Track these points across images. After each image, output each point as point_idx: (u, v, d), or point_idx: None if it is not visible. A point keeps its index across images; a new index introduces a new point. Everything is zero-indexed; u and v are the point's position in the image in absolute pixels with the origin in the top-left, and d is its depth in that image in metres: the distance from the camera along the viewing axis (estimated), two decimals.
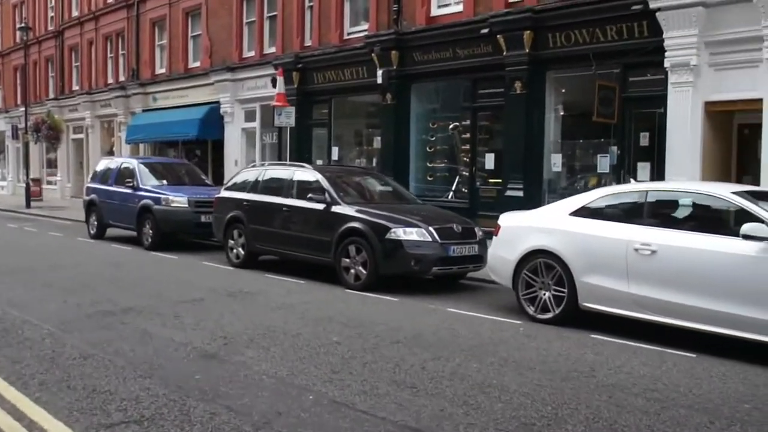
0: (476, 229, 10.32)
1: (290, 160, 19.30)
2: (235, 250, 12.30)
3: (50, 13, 32.85)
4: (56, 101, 31.63)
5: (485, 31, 14.60)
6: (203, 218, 14.13)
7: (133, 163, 16.02)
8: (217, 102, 21.90)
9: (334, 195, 10.68)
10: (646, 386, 5.50)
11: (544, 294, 7.74)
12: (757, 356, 6.35)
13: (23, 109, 29.38)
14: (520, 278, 7.97)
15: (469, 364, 5.98)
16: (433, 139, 16.84)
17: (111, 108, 27.39)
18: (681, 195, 7.43)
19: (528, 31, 13.92)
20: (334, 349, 6.41)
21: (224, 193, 13.03)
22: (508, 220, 8.59)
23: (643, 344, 6.81)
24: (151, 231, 14.45)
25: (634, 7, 12.27)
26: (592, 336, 7.14)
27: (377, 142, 18.05)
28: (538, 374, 5.74)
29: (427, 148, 16.90)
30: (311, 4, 19.30)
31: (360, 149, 18.76)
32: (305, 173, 11.52)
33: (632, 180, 8.89)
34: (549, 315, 7.66)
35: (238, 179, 13.09)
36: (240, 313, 7.97)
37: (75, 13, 30.60)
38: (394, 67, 16.59)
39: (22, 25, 28.33)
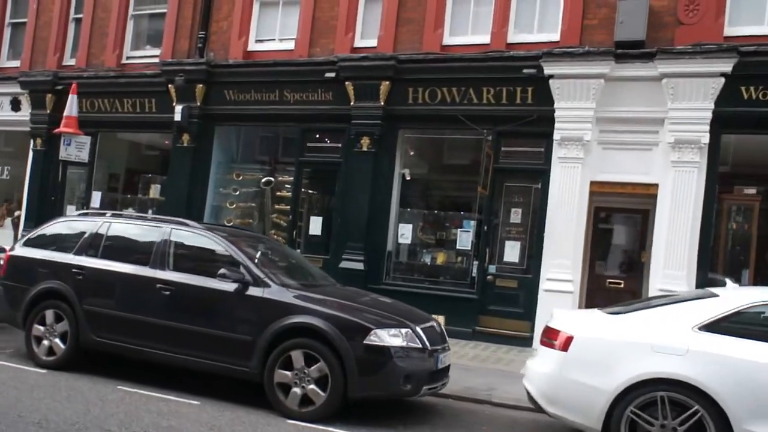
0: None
1: (31, 203, 12.70)
2: (46, 342, 6.66)
3: None
4: None
5: (331, 75, 10.37)
6: None
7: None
8: None
9: (256, 272, 5.84)
10: None
11: None
12: None
13: None
14: (624, 418, 4.37)
15: None
16: (237, 194, 11.71)
17: None
18: None
19: (386, 82, 10.08)
20: None
21: (24, 252, 7.15)
22: (581, 327, 4.74)
23: None
24: None
25: (526, 71, 9.20)
26: None
27: (156, 190, 12.31)
28: None
29: (228, 204, 11.73)
30: (79, 15, 13.07)
31: (132, 198, 12.63)
32: (193, 234, 6.49)
33: (728, 281, 5.65)
34: None
35: (51, 231, 7.28)
36: None
37: None
38: (198, 104, 11.37)
39: None
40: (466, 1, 10.19)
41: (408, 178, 10.48)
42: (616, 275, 9.65)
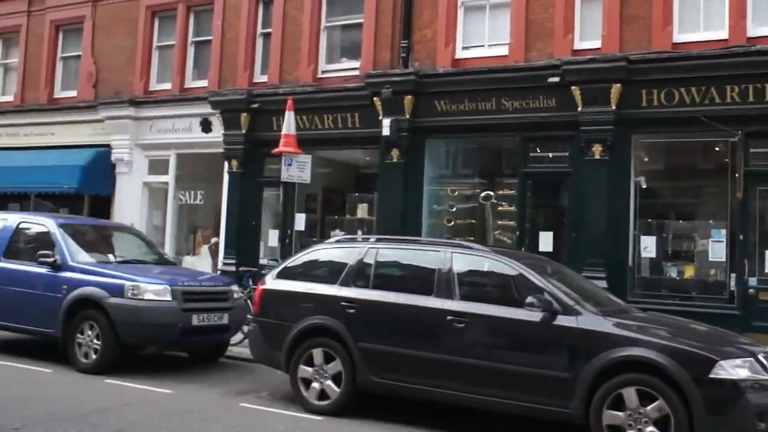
0: None
1: (230, 228, 15.04)
2: (317, 385, 7.49)
3: None
4: None
5: (555, 79, 11.93)
6: (196, 320, 9.32)
7: (47, 224, 10.52)
8: (107, 146, 16.72)
9: (565, 299, 6.65)
10: None
11: None
12: None
13: None
14: None
15: None
16: (453, 210, 13.60)
17: None
18: None
19: (617, 85, 11.49)
20: None
21: (279, 284, 8.09)
22: None
23: None
24: (95, 341, 9.00)
25: None
26: None
27: (363, 209, 14.39)
28: None
29: (445, 221, 13.61)
30: (267, 30, 15.39)
31: (339, 218, 14.86)
32: (479, 258, 7.34)
33: None
34: None
35: (305, 261, 8.32)
36: None
37: None
38: (406, 117, 13.26)
39: None
40: None
41: (644, 186, 11.86)
42: None
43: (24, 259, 10.22)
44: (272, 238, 14.85)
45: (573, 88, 11.77)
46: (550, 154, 12.40)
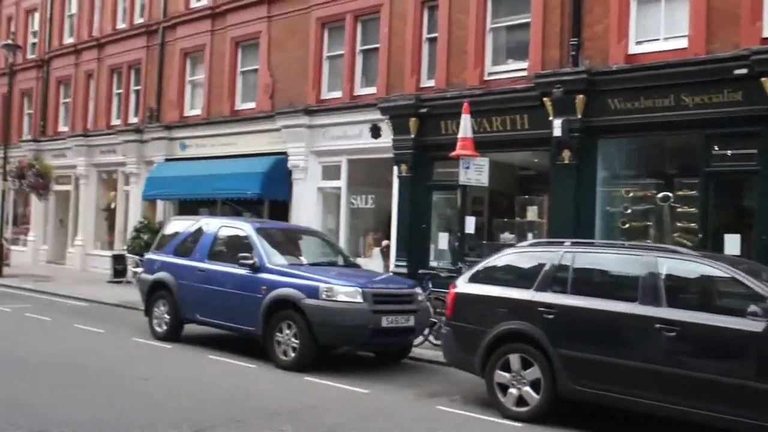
0: None
1: (402, 232, 15.47)
2: (514, 391, 7.45)
3: (30, 39, 27.66)
4: (35, 143, 26.42)
5: (742, 71, 11.31)
6: (385, 322, 9.63)
7: (245, 228, 11.35)
8: (284, 153, 17.73)
9: None
10: None
11: None
12: None
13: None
14: None
15: None
16: (629, 212, 13.21)
17: (116, 155, 22.66)
18: None
19: None
20: None
21: (472, 289, 8.12)
22: None
23: None
24: (293, 339, 9.55)
25: None
26: None
27: (533, 212, 14.35)
28: None
29: (620, 224, 13.27)
30: (433, 35, 15.69)
31: (506, 221, 14.92)
32: (690, 264, 6.99)
33: None
34: None
35: (497, 265, 8.29)
36: None
37: (69, 40, 25.71)
38: (578, 117, 13.05)
39: (9, 42, 22.45)
40: None
41: None
42: None
43: (224, 261, 11.11)
44: (442, 240, 15.17)
45: (763, 79, 11.08)
46: (734, 152, 11.73)
